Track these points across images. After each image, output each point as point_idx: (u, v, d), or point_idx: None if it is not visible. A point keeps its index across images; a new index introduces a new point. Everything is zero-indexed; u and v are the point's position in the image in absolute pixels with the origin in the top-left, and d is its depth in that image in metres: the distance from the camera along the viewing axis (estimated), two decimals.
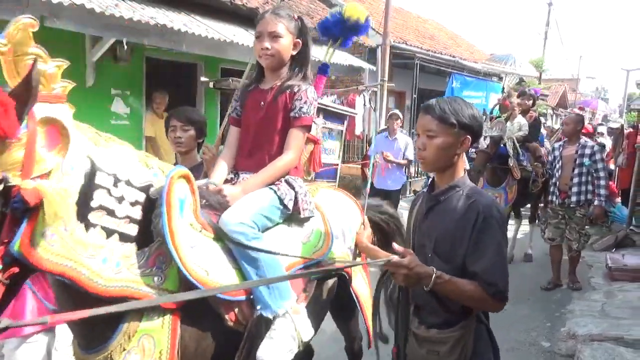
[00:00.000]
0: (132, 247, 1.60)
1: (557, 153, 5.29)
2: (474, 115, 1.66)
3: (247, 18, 6.88)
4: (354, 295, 2.39)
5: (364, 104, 8.50)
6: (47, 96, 1.38)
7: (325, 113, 5.77)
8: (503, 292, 1.61)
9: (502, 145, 5.40)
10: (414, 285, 1.65)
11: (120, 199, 1.58)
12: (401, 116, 6.88)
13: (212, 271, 1.77)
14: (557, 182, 5.19)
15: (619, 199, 9.04)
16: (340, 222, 2.39)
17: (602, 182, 4.97)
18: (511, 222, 6.21)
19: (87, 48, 5.27)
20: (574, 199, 5.05)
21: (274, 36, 2.09)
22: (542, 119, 8.81)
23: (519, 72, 12.38)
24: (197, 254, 1.74)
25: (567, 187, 5.08)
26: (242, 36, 6.10)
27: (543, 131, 7.88)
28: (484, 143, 5.32)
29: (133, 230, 1.61)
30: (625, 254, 6.04)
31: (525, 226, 6.74)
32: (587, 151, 5.03)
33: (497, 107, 6.24)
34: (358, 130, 9.02)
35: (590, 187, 5.03)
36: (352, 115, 6.52)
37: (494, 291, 1.59)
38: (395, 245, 1.67)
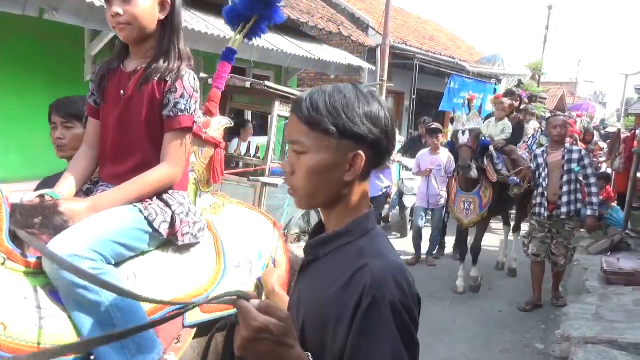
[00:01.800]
0: None
1: (541, 160, 4.74)
2: (372, 115, 0.99)
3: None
4: None
5: None
6: None
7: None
8: None
9: (482, 138, 5.08)
10: None
11: None
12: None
13: (14, 324, 1.19)
14: (545, 192, 4.67)
15: (614, 203, 9.08)
16: (245, 248, 1.83)
17: (594, 190, 4.55)
18: (498, 226, 6.19)
19: (86, 42, 5.25)
20: (564, 209, 4.57)
21: None
22: (537, 123, 8.67)
23: (507, 72, 12.35)
24: None
25: (556, 198, 4.59)
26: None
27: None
28: (464, 138, 4.91)
29: None
30: (620, 258, 6.06)
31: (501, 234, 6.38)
32: (575, 156, 4.55)
33: (466, 104, 5.47)
34: None
35: (580, 196, 4.61)
36: None
37: None
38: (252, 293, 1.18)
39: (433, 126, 6.23)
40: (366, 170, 1.03)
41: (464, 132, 4.90)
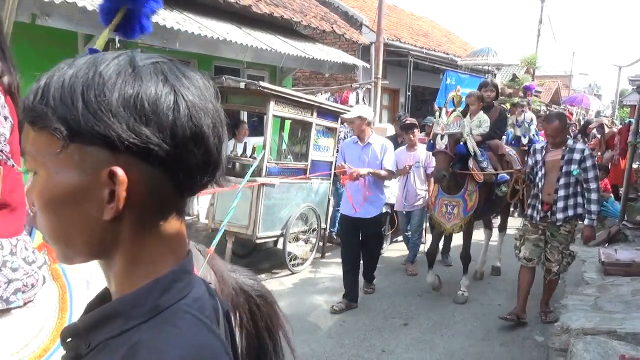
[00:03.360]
0: None
1: (539, 157, 4.29)
2: (140, 103, 0.56)
3: (241, 15, 6.88)
4: None
5: (357, 101, 8.51)
6: None
7: (319, 110, 5.78)
8: None
9: (461, 143, 4.46)
10: None
11: None
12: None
13: None
14: (540, 194, 4.23)
15: (611, 195, 9.13)
16: None
17: (593, 196, 4.00)
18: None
19: (79, 46, 5.25)
20: (560, 215, 4.11)
21: None
22: (532, 113, 8.50)
23: (490, 62, 12.33)
24: None
25: (551, 200, 4.14)
26: (236, 34, 6.09)
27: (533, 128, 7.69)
28: (441, 143, 4.37)
29: None
30: (617, 249, 6.11)
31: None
32: (576, 156, 4.02)
33: (452, 100, 4.75)
34: None
35: (580, 200, 4.09)
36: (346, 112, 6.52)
37: None
38: None
39: (407, 122, 5.79)
40: (159, 201, 0.60)
41: (442, 137, 4.38)
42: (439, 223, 4.80)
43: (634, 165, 7.90)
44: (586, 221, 4.06)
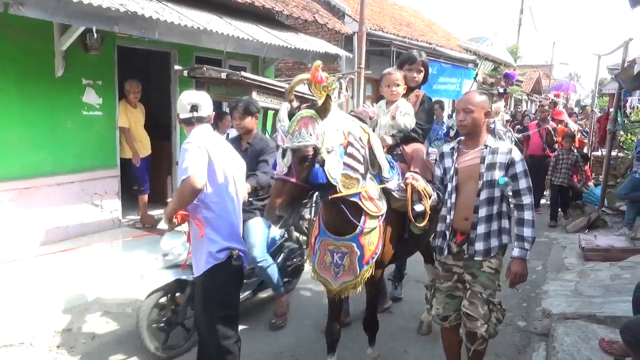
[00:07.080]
0: None
1: (448, 163, 2.85)
2: None
3: (221, 5, 6.78)
4: None
5: (341, 92, 8.48)
6: None
7: (302, 101, 5.74)
8: None
9: (317, 164, 2.44)
10: None
11: None
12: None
13: None
14: (449, 217, 2.80)
15: (591, 182, 9.29)
16: None
17: (528, 215, 2.68)
18: None
19: (55, 37, 5.12)
20: (479, 246, 2.72)
21: None
22: (505, 109, 7.94)
23: (494, 55, 12.41)
24: None
25: (467, 225, 2.74)
26: (217, 24, 6.00)
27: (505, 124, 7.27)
28: (282, 163, 2.47)
29: None
30: (597, 235, 6.25)
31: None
32: (501, 159, 2.69)
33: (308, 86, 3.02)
34: None
35: (506, 225, 2.77)
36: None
37: None
38: None
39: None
40: None
41: (284, 153, 2.48)
42: (320, 280, 3.03)
43: (613, 153, 8.03)
44: (516, 251, 2.70)
